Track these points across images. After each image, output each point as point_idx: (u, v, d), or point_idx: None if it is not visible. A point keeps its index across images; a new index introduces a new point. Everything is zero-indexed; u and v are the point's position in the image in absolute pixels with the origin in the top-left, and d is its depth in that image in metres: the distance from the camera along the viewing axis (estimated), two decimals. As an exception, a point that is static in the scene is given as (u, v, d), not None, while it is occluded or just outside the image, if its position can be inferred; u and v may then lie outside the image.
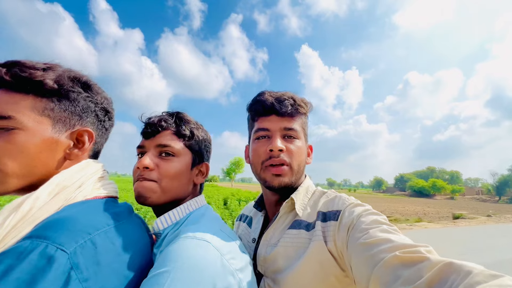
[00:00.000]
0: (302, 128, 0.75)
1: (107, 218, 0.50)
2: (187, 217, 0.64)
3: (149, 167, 0.62)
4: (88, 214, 0.47)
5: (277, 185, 0.70)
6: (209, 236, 0.54)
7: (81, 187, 0.52)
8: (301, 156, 0.73)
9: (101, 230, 0.46)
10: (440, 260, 0.37)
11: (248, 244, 0.80)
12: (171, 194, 0.65)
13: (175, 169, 0.65)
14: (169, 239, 0.56)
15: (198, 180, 0.73)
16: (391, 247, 0.45)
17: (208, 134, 0.78)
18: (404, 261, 0.41)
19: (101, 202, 0.54)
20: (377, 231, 0.51)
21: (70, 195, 0.50)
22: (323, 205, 0.69)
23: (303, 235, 0.66)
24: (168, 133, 0.67)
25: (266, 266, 0.68)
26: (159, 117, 0.68)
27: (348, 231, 0.57)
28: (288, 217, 0.72)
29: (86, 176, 0.54)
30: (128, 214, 0.59)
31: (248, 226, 0.87)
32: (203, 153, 0.74)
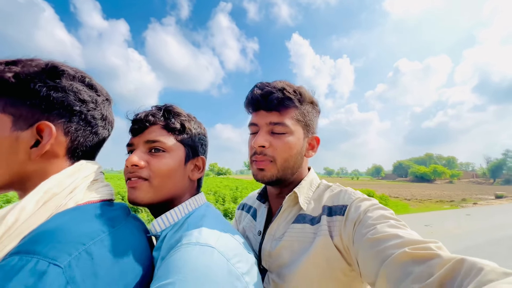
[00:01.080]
0: (297, 120, 0.71)
1: (102, 225, 0.47)
2: (187, 218, 0.61)
3: (138, 165, 0.59)
4: (81, 222, 0.45)
5: (260, 178, 0.70)
6: (213, 240, 0.51)
7: (72, 192, 0.49)
8: (290, 151, 0.69)
9: (97, 238, 0.43)
10: (452, 257, 0.37)
11: (254, 238, 0.79)
12: (165, 193, 0.62)
13: (167, 165, 0.61)
14: (170, 244, 0.53)
15: (194, 176, 0.69)
16: (400, 242, 0.44)
17: (202, 126, 0.74)
18: (415, 258, 0.40)
19: (95, 207, 0.51)
20: (385, 226, 0.50)
21: (61, 202, 0.46)
22: (328, 199, 0.68)
23: (308, 229, 0.66)
24: (157, 128, 0.63)
25: (271, 261, 0.68)
26: (146, 112, 0.65)
27: (354, 226, 0.57)
28: (292, 211, 0.72)
29: (78, 180, 0.50)
30: (124, 217, 0.56)
31: (253, 218, 0.85)
32: (197, 147, 0.70)
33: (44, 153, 0.49)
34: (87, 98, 0.55)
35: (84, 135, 0.55)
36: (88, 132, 0.56)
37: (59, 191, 0.47)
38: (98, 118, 0.57)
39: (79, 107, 0.53)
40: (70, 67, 0.55)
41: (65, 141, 0.52)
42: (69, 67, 0.54)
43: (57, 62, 0.53)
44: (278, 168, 0.69)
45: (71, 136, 0.53)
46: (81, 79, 0.56)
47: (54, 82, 0.51)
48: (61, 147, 0.52)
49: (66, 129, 0.52)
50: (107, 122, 0.61)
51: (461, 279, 0.33)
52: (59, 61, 0.54)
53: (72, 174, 0.50)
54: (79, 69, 0.56)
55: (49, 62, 0.52)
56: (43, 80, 0.50)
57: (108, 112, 0.61)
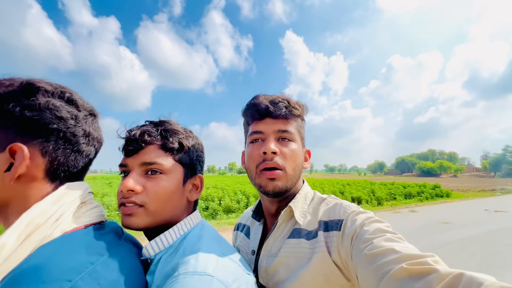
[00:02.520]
0: (298, 131, 0.74)
1: (90, 254, 0.44)
2: (182, 240, 0.57)
3: (134, 190, 0.55)
4: (66, 255, 0.41)
5: (271, 189, 0.68)
6: (211, 267, 0.48)
7: (58, 220, 0.45)
8: (297, 160, 0.71)
9: (84, 272, 0.40)
10: (450, 272, 0.37)
11: (247, 257, 0.77)
12: (162, 217, 0.59)
13: (165, 189, 0.58)
14: (165, 271, 0.50)
15: (192, 197, 0.66)
16: (397, 258, 0.44)
17: (199, 141, 0.71)
18: (412, 274, 0.40)
19: (83, 234, 0.47)
20: (381, 241, 0.50)
21: (45, 233, 0.43)
22: (324, 214, 0.67)
23: (304, 244, 0.65)
24: (154, 148, 0.59)
25: (268, 278, 0.68)
26: (141, 130, 0.60)
27: (351, 241, 0.56)
28: (287, 225, 0.71)
29: (65, 206, 0.47)
30: (115, 240, 0.52)
31: (246, 236, 0.83)
32: (195, 165, 0.67)
33: (20, 177, 0.46)
34: (65, 115, 0.50)
35: (65, 155, 0.51)
36: (69, 151, 0.51)
37: (43, 221, 0.43)
38: (80, 135, 0.53)
39: (57, 125, 0.49)
40: (49, 83, 0.51)
41: (43, 163, 0.48)
42: (47, 83, 0.51)
43: (34, 79, 0.50)
44: (287, 177, 0.69)
45: (50, 157, 0.48)
46: (60, 94, 0.52)
47: (28, 100, 0.47)
48: (39, 169, 0.47)
49: (43, 150, 0.48)
50: (92, 139, 0.56)
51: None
52: (36, 78, 0.51)
53: (57, 200, 0.47)
54: (60, 85, 0.53)
55: (25, 80, 0.49)
56: (17, 99, 0.47)
57: (92, 128, 0.56)
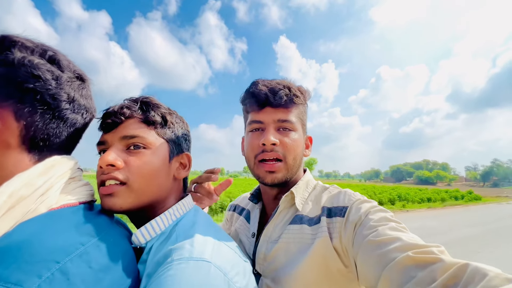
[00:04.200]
0: (299, 118, 0.72)
1: (81, 235, 0.40)
2: (175, 225, 0.54)
3: (114, 165, 0.50)
4: (54, 233, 0.37)
5: (270, 181, 0.68)
6: (208, 252, 0.45)
7: (44, 194, 0.41)
8: (297, 149, 0.70)
9: (74, 253, 0.36)
10: (455, 262, 0.37)
11: (247, 240, 0.76)
12: (148, 197, 0.53)
13: (149, 164, 0.53)
14: (157, 258, 0.46)
15: (180, 174, 0.62)
16: (402, 246, 0.44)
17: (184, 121, 0.67)
18: (418, 262, 0.40)
19: (72, 212, 0.43)
20: (386, 229, 0.50)
21: (29, 207, 0.39)
22: (327, 200, 0.67)
23: (306, 230, 0.64)
24: (135, 121, 0.55)
25: (266, 264, 0.66)
26: (121, 104, 0.56)
27: (355, 228, 0.56)
28: (289, 212, 0.70)
29: (52, 180, 0.42)
30: (107, 223, 0.48)
31: (247, 220, 0.83)
32: (181, 142, 0.63)
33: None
34: (44, 74, 0.43)
35: (44, 120, 0.44)
36: (49, 116, 0.45)
37: (28, 194, 0.39)
38: (62, 100, 0.46)
39: (33, 85, 0.42)
40: (29, 39, 0.45)
41: (17, 127, 0.41)
42: (27, 39, 0.45)
43: (11, 34, 0.44)
44: (288, 167, 0.68)
45: (25, 121, 0.42)
46: (42, 52, 0.45)
47: (1, 54, 0.42)
48: (12, 134, 0.41)
49: (18, 112, 0.41)
50: (78, 105, 0.49)
51: (464, 285, 0.33)
52: (15, 33, 0.44)
53: (45, 172, 0.42)
54: (43, 43, 0.47)
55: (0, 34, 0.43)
56: None
57: (78, 94, 0.49)
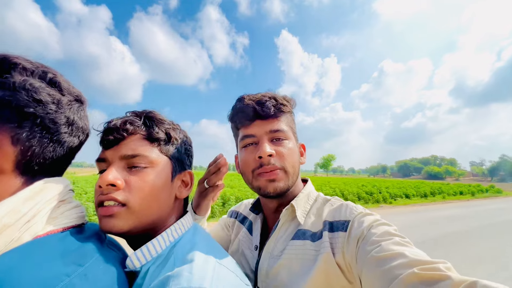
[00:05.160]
0: (290, 127, 0.71)
1: (66, 264, 0.37)
2: (173, 247, 0.51)
3: (115, 185, 0.47)
4: (36, 265, 0.35)
5: (272, 191, 0.65)
6: (208, 279, 0.42)
7: (30, 221, 0.38)
8: (294, 157, 0.68)
9: (57, 286, 0.34)
10: (463, 280, 0.35)
11: (251, 253, 0.73)
12: (148, 218, 0.51)
13: (151, 184, 0.50)
14: (154, 286, 0.43)
15: (182, 194, 0.59)
16: (408, 262, 0.43)
17: (187, 135, 0.65)
18: (424, 280, 0.39)
19: (58, 239, 0.40)
20: (390, 244, 0.48)
21: (13, 236, 0.37)
22: (329, 214, 0.65)
23: (309, 246, 0.62)
24: (137, 138, 0.52)
25: (268, 281, 0.64)
26: (123, 119, 0.53)
27: (358, 243, 0.54)
28: (291, 226, 0.68)
29: (39, 206, 0.40)
30: (97, 247, 0.45)
31: (249, 233, 0.79)
32: (184, 159, 0.60)
33: None
34: (45, 98, 0.43)
35: (41, 144, 0.43)
36: (47, 140, 0.44)
37: (12, 222, 0.37)
38: (61, 123, 0.45)
39: (33, 109, 0.41)
40: (28, 61, 0.44)
41: (13, 152, 0.40)
42: (27, 61, 0.44)
43: (9, 54, 0.42)
44: (288, 176, 0.67)
45: (22, 146, 0.41)
46: (42, 75, 0.44)
47: (1, 77, 0.40)
48: (7, 160, 0.40)
49: (15, 137, 0.40)
50: (76, 128, 0.48)
51: None
52: (14, 54, 0.43)
53: (31, 197, 0.40)
54: (42, 64, 0.46)
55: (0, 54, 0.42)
56: None
57: (77, 116, 0.49)
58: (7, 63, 0.41)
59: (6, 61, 0.41)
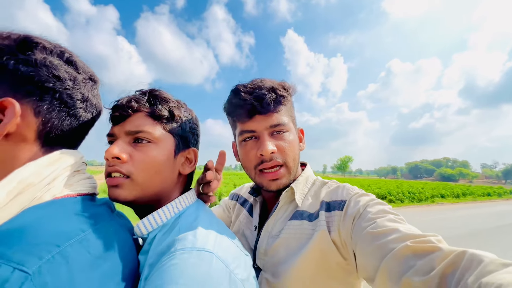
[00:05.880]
0: (289, 116, 0.71)
1: (81, 222, 0.42)
2: (178, 217, 0.55)
3: (119, 157, 0.52)
4: (57, 219, 0.40)
5: (275, 189, 0.68)
6: (211, 244, 0.47)
7: (50, 184, 0.43)
8: (294, 149, 0.70)
9: (74, 239, 0.38)
10: (452, 250, 0.38)
11: (251, 234, 0.77)
12: (152, 190, 0.55)
13: (154, 159, 0.54)
14: (160, 249, 0.47)
15: (185, 170, 0.62)
16: (401, 236, 0.45)
17: (193, 114, 0.67)
18: (416, 251, 0.41)
19: (75, 202, 0.45)
20: (385, 221, 0.50)
21: (36, 195, 0.41)
22: (326, 195, 0.68)
23: (306, 225, 0.65)
24: (141, 115, 0.56)
25: (266, 259, 0.67)
26: (129, 97, 0.57)
27: (353, 221, 0.57)
28: (289, 207, 0.71)
29: (58, 171, 0.45)
30: (108, 214, 0.51)
31: (250, 215, 0.83)
32: (188, 137, 0.63)
33: (9, 135, 0.42)
34: (63, 75, 0.48)
35: (60, 117, 0.48)
36: (65, 114, 0.48)
37: (35, 182, 0.41)
38: (77, 99, 0.50)
39: (53, 84, 0.46)
40: (47, 41, 0.49)
41: (35, 123, 0.45)
42: (46, 41, 0.48)
43: (32, 35, 0.47)
44: (289, 171, 0.69)
45: (43, 117, 0.45)
46: (60, 54, 0.49)
47: (24, 55, 0.44)
48: (30, 130, 0.44)
49: (37, 109, 0.44)
50: (90, 104, 0.53)
51: (462, 272, 0.34)
52: (35, 34, 0.48)
53: (52, 163, 0.45)
54: (59, 44, 0.51)
55: (22, 34, 0.46)
56: (12, 52, 0.44)
57: (91, 94, 0.53)
58: (29, 42, 0.45)
59: (28, 40, 0.45)
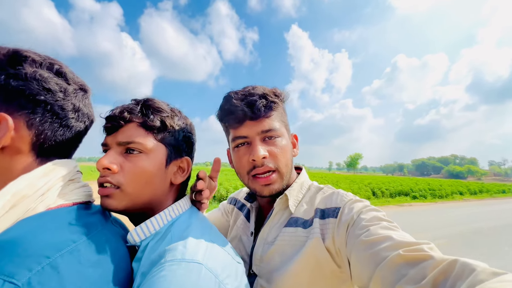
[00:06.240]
0: (281, 121, 0.72)
1: (73, 232, 0.42)
2: (170, 225, 0.55)
3: (110, 169, 0.52)
4: (48, 230, 0.40)
5: (268, 194, 0.69)
6: (201, 254, 0.46)
7: (44, 195, 0.44)
8: (287, 155, 0.70)
9: (65, 249, 0.38)
10: (444, 259, 0.38)
11: (247, 239, 0.77)
12: (142, 200, 0.56)
13: (143, 169, 0.54)
14: (152, 258, 0.47)
15: (177, 180, 0.62)
16: (393, 244, 0.45)
17: (188, 122, 0.67)
18: (408, 260, 0.41)
19: (68, 212, 0.46)
20: (378, 228, 0.50)
21: (30, 206, 0.42)
22: (320, 202, 0.67)
23: (300, 233, 0.65)
24: (133, 126, 0.56)
25: (262, 265, 0.67)
26: (122, 107, 0.57)
27: (347, 228, 0.56)
28: (284, 214, 0.71)
29: (52, 182, 0.46)
30: (102, 222, 0.51)
31: (247, 220, 0.84)
32: (181, 146, 0.63)
33: (4, 149, 0.44)
34: (53, 87, 0.48)
35: (52, 128, 0.49)
36: (57, 124, 0.50)
37: (29, 194, 0.42)
38: (69, 110, 0.51)
39: (44, 97, 0.47)
40: (36, 53, 0.50)
41: (29, 135, 0.46)
42: (35, 54, 0.49)
43: (20, 48, 0.48)
44: (282, 176, 0.69)
45: (36, 130, 0.47)
46: (49, 66, 0.50)
47: (14, 69, 0.46)
48: (24, 142, 0.46)
49: (30, 122, 0.46)
50: (81, 114, 0.54)
51: (454, 280, 0.34)
52: (23, 48, 0.49)
53: (45, 174, 0.46)
54: (48, 56, 0.51)
55: (11, 48, 0.47)
56: (2, 67, 0.45)
57: (82, 104, 0.54)
58: (19, 56, 0.46)
59: (17, 54, 0.46)
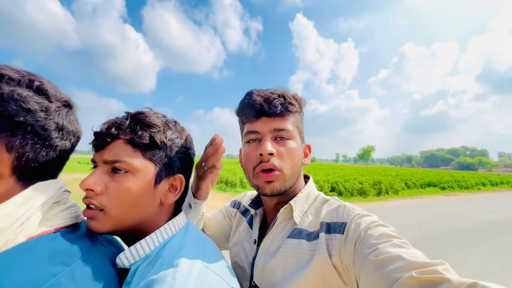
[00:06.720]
0: (296, 126, 0.71)
1: (53, 264, 0.39)
2: (161, 248, 0.52)
3: (93, 190, 0.49)
4: (24, 266, 0.37)
5: (269, 192, 0.67)
6: (191, 285, 0.44)
7: (24, 223, 0.41)
8: (295, 158, 0.69)
9: (43, 286, 0.36)
10: (462, 282, 0.35)
11: (250, 247, 0.76)
12: (127, 223, 0.52)
13: (128, 191, 0.50)
14: (140, 286, 0.45)
15: (167, 200, 0.57)
16: (405, 265, 0.42)
17: (183, 135, 0.62)
18: (422, 283, 0.38)
19: (49, 240, 0.43)
20: (388, 246, 0.48)
21: (8, 238, 0.39)
22: (326, 215, 0.66)
23: (304, 245, 0.63)
24: (120, 143, 0.52)
25: (263, 277, 0.66)
26: (110, 122, 0.54)
27: (355, 246, 0.54)
28: (288, 224, 0.70)
29: (32, 209, 0.43)
30: (88, 246, 0.48)
31: (250, 227, 0.82)
32: (173, 163, 0.58)
33: None
34: (33, 107, 0.45)
35: (34, 150, 0.46)
36: (39, 146, 0.47)
37: (7, 226, 0.39)
38: (52, 129, 0.48)
39: (24, 118, 0.44)
40: (15, 70, 0.47)
41: (8, 159, 0.43)
42: (13, 70, 0.46)
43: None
44: (285, 177, 0.68)
45: (16, 153, 0.44)
46: (29, 83, 0.47)
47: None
48: (4, 166, 0.43)
49: (9, 145, 0.43)
50: (66, 132, 0.51)
51: None
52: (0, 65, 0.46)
53: (26, 201, 0.43)
54: (28, 72, 0.49)
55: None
56: None
57: (67, 121, 0.51)
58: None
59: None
